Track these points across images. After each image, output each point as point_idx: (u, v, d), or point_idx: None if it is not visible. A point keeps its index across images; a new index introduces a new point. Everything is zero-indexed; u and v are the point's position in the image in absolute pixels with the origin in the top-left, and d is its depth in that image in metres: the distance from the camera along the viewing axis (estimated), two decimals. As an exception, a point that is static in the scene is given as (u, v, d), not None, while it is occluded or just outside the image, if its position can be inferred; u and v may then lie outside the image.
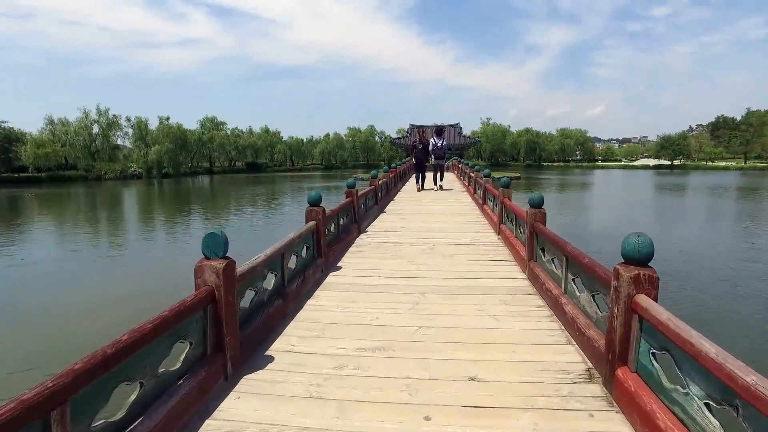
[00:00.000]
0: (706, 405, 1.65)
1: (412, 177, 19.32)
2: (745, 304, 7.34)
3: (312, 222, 4.65)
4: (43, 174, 52.22)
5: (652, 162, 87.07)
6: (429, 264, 5.13)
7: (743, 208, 22.32)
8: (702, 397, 1.68)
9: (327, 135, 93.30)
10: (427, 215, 9.20)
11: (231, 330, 2.60)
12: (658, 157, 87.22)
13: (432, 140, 13.94)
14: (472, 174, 12.83)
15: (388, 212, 9.71)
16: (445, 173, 16.97)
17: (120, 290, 8.57)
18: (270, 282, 3.51)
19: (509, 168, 70.11)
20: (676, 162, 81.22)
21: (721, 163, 77.80)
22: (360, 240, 6.62)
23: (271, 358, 2.86)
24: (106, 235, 16.41)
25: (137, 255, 12.79)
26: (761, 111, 78.86)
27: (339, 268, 5.02)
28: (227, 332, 2.56)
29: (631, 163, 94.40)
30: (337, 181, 42.50)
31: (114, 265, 11.28)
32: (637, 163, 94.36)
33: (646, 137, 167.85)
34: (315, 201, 4.75)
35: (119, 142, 66.14)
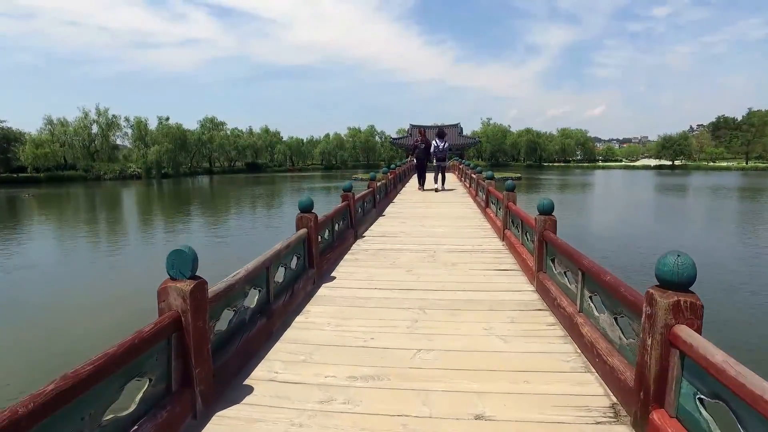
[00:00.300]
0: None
1: (413, 178, 19.04)
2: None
3: (303, 230, 4.31)
4: (41, 174, 51.97)
5: (653, 162, 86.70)
6: (429, 274, 4.79)
7: (756, 209, 21.91)
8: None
9: (327, 135, 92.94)
10: (428, 219, 8.86)
11: (201, 360, 2.26)
12: (658, 158, 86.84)
13: (434, 142, 13.91)
14: (473, 175, 12.46)
15: (387, 215, 9.37)
16: (447, 174, 16.67)
17: (119, 291, 8.51)
18: (253, 299, 3.17)
19: (510, 168, 69.73)
20: (677, 162, 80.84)
21: (723, 164, 77.45)
22: (356, 246, 6.27)
23: (249, 389, 2.52)
24: (104, 235, 16.16)
25: (137, 255, 12.65)
26: (763, 111, 78.41)
27: (333, 278, 4.67)
28: (196, 363, 2.22)
29: (631, 164, 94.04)
30: (337, 182, 42.19)
31: (114, 264, 11.13)
32: (638, 163, 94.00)
33: (646, 137, 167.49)
34: (306, 207, 4.39)
35: (118, 142, 66.00)
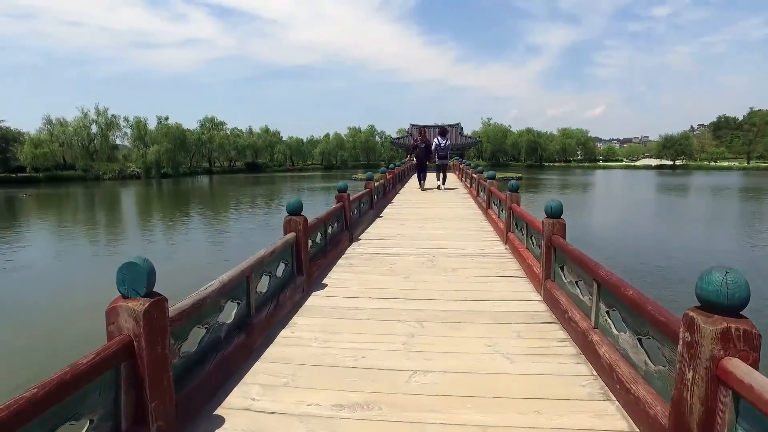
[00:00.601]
0: None
1: (412, 178, 18.74)
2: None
3: (291, 234, 3.97)
4: (40, 174, 51.72)
5: (654, 162, 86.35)
6: (428, 281, 4.45)
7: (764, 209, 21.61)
8: None
9: (327, 135, 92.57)
10: (427, 220, 8.53)
11: (159, 392, 1.93)
12: (659, 157, 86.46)
13: (435, 140, 13.68)
14: (474, 175, 12.13)
15: (385, 217, 9.05)
16: (447, 173, 16.36)
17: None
18: (231, 312, 2.85)
19: (510, 168, 69.41)
20: (678, 162, 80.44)
21: (724, 163, 77.07)
22: (351, 250, 5.94)
23: (220, 422, 2.18)
24: (102, 235, 15.91)
25: (136, 254, 12.58)
26: (764, 110, 77.95)
27: (324, 286, 4.34)
28: (153, 396, 1.89)
29: (632, 163, 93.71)
30: (337, 182, 41.76)
31: (114, 263, 10.94)
32: (638, 163, 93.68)
33: (647, 137, 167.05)
34: (294, 209, 4.06)
35: (118, 142, 65.72)
